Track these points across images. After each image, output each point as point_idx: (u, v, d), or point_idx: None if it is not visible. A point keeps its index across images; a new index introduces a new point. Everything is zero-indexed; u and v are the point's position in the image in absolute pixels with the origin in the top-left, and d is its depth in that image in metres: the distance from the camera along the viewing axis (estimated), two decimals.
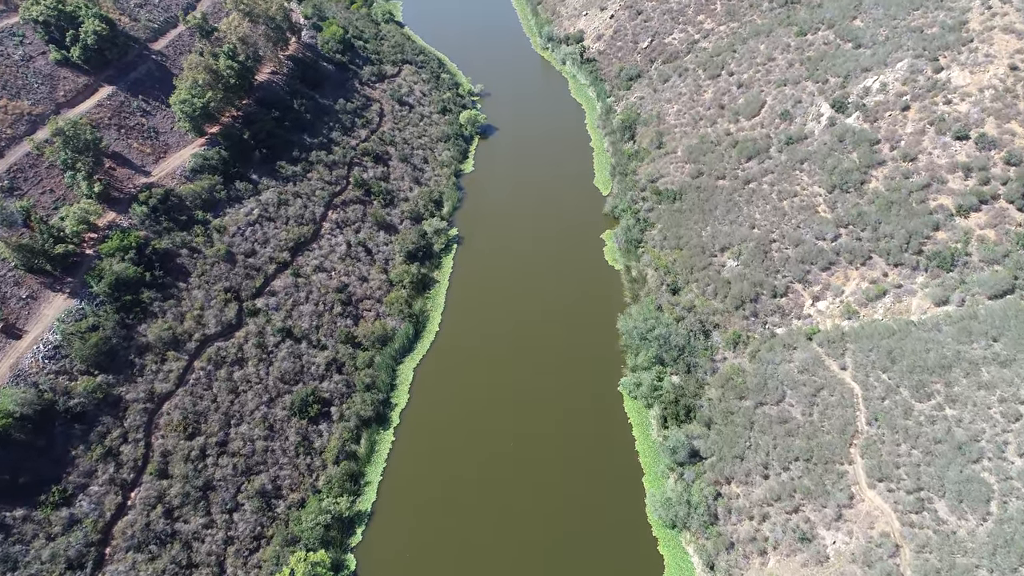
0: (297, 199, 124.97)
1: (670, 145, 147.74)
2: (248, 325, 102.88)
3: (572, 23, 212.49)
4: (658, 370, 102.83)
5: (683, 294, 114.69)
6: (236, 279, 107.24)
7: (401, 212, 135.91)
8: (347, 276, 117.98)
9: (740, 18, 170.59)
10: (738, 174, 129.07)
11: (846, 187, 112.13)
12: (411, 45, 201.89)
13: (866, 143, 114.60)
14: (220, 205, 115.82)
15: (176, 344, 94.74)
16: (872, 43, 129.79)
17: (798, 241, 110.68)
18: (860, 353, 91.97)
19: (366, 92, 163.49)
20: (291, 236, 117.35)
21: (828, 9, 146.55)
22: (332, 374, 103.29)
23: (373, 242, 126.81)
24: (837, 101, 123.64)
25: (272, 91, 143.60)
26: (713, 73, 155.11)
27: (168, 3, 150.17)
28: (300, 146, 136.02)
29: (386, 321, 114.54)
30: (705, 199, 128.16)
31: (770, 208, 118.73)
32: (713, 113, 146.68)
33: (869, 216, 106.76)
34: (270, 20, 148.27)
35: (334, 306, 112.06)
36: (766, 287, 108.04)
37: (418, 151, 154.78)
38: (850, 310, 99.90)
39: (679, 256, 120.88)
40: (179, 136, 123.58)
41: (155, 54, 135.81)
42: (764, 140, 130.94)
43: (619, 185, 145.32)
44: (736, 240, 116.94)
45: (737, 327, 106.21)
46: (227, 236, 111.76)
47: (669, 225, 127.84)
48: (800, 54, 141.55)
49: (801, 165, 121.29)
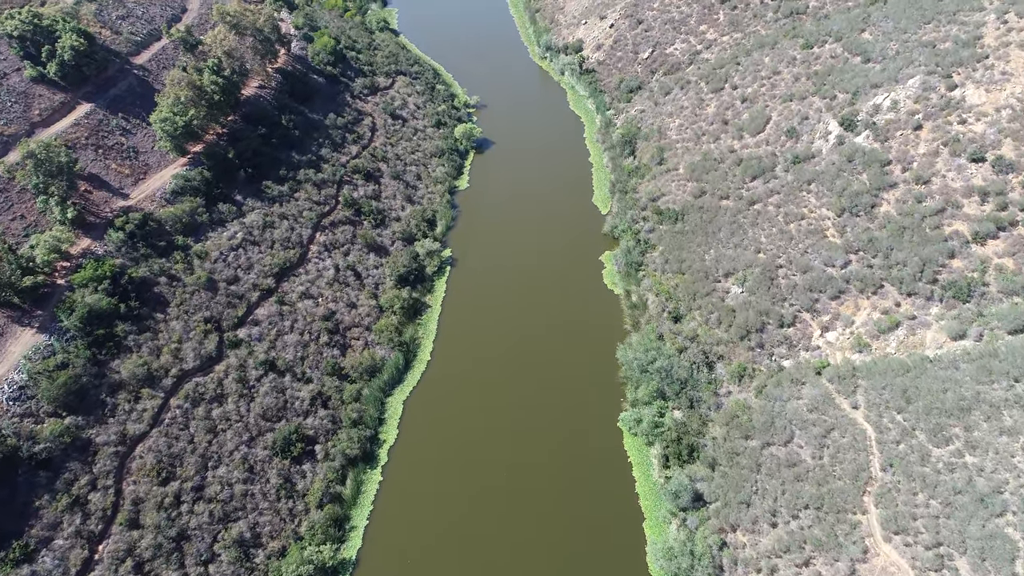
0: (283, 221, 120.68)
1: (672, 161, 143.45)
2: (229, 358, 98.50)
3: (571, 32, 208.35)
4: (659, 405, 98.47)
5: (685, 322, 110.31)
6: (217, 308, 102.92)
7: (392, 233, 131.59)
8: (335, 302, 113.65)
9: (744, 29, 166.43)
10: (742, 194, 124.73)
11: (856, 211, 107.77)
12: (405, 55, 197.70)
13: (876, 164, 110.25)
14: (202, 229, 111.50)
15: (151, 381, 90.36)
16: (882, 58, 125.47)
17: (806, 267, 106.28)
18: (873, 391, 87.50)
19: (358, 106, 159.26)
20: (276, 261, 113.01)
21: (835, 21, 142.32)
22: (317, 409, 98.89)
23: (363, 265, 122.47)
24: (846, 119, 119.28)
25: (259, 106, 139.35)
26: (716, 86, 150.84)
27: (152, 15, 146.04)
28: (288, 164, 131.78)
29: (375, 350, 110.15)
30: (708, 220, 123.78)
31: (776, 231, 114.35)
32: (716, 129, 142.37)
33: (880, 242, 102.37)
34: (258, 32, 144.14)
35: (320, 335, 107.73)
36: (772, 316, 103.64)
37: (411, 167, 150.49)
38: (861, 342, 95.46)
39: (681, 281, 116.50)
40: (160, 156, 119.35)
41: (137, 68, 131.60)
42: (770, 158, 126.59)
43: (619, 203, 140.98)
44: (741, 265, 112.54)
45: (742, 359, 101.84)
46: (208, 262, 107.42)
47: (671, 247, 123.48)
48: (806, 68, 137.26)
49: (808, 186, 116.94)
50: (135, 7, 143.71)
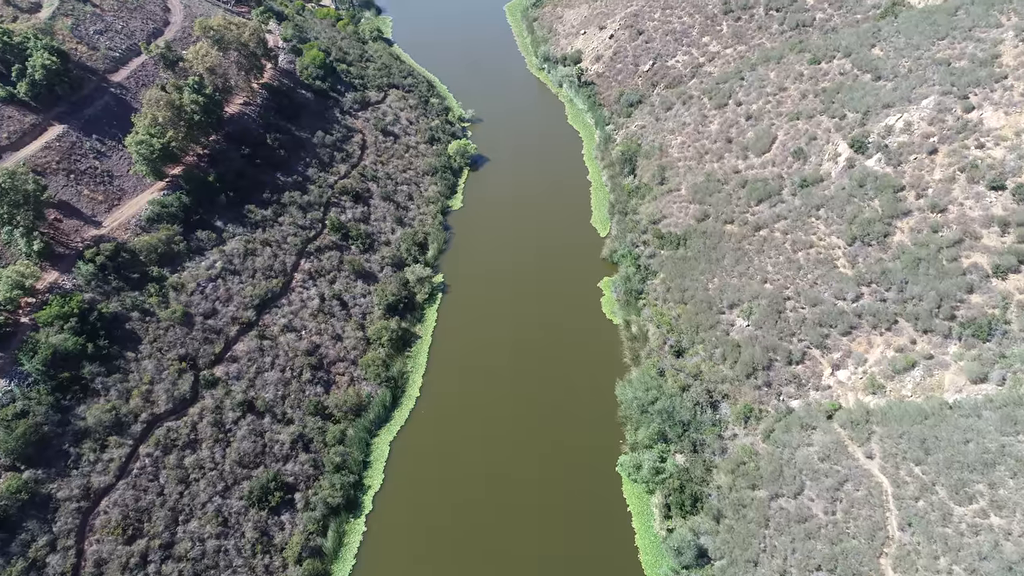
0: (266, 248, 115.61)
1: (673, 181, 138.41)
2: (204, 399, 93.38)
3: (569, 42, 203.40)
4: (660, 448, 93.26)
5: (688, 356, 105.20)
6: (193, 345, 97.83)
7: (381, 258, 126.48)
8: (319, 335, 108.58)
9: (748, 41, 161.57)
10: (748, 219, 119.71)
11: (868, 240, 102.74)
12: (399, 67, 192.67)
13: (889, 190, 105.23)
14: (179, 258, 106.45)
15: (119, 427, 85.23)
16: (893, 75, 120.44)
17: (815, 300, 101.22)
18: (889, 440, 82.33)
19: (347, 122, 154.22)
20: (257, 292, 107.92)
21: (844, 35, 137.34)
22: (298, 453, 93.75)
23: (350, 294, 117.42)
24: (856, 140, 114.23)
25: (243, 124, 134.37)
26: (720, 102, 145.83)
27: (132, 29, 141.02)
28: (272, 186, 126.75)
29: (361, 387, 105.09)
30: (712, 246, 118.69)
31: (783, 260, 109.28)
32: (720, 147, 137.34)
33: (894, 274, 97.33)
34: (243, 47, 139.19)
35: (303, 371, 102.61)
36: (780, 352, 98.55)
37: (402, 187, 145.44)
38: (875, 384, 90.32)
39: (683, 312, 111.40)
40: (136, 180, 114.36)
41: (114, 86, 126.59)
42: (776, 181, 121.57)
43: (618, 226, 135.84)
44: (746, 296, 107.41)
45: (748, 398, 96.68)
46: (185, 294, 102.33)
47: (672, 275, 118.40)
48: (814, 84, 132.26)
49: (817, 212, 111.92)
50: (114, 20, 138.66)
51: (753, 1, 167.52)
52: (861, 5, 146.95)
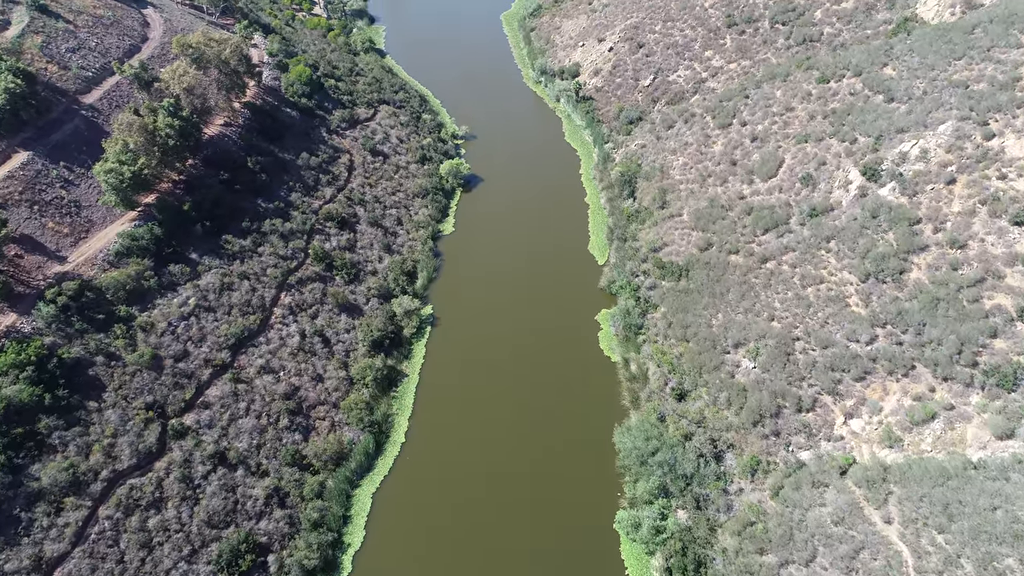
0: (244, 281, 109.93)
1: (675, 205, 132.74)
2: (172, 452, 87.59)
3: (568, 54, 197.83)
4: (661, 504, 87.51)
5: (691, 400, 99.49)
6: (161, 391, 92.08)
7: (367, 289, 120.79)
8: (299, 376, 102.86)
9: (752, 56, 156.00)
10: (754, 249, 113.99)
11: (882, 276, 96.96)
12: (390, 80, 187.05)
13: (904, 222, 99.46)
14: (149, 296, 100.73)
15: (77, 487, 79.52)
16: (907, 97, 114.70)
17: (826, 341, 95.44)
18: (908, 503, 76.51)
19: (334, 142, 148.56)
20: (233, 330, 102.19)
21: (854, 53, 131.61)
22: (273, 509, 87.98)
23: (332, 329, 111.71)
24: (868, 167, 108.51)
25: (223, 147, 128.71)
26: (723, 122, 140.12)
27: (107, 46, 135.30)
28: (252, 213, 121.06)
29: (343, 432, 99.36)
30: (715, 279, 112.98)
31: (792, 296, 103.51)
32: (724, 170, 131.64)
33: (911, 315, 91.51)
34: (223, 65, 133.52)
35: (280, 417, 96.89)
36: (789, 399, 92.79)
37: (391, 210, 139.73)
38: (891, 436, 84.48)
39: (685, 350, 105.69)
40: (105, 210, 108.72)
41: (86, 109, 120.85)
42: (783, 209, 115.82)
43: (617, 253, 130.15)
44: (753, 335, 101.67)
45: (755, 448, 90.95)
46: (154, 335, 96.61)
47: (674, 308, 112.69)
48: (823, 105, 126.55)
49: (827, 244, 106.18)
50: (88, 38, 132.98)
51: (758, 14, 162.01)
52: (871, 20, 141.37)
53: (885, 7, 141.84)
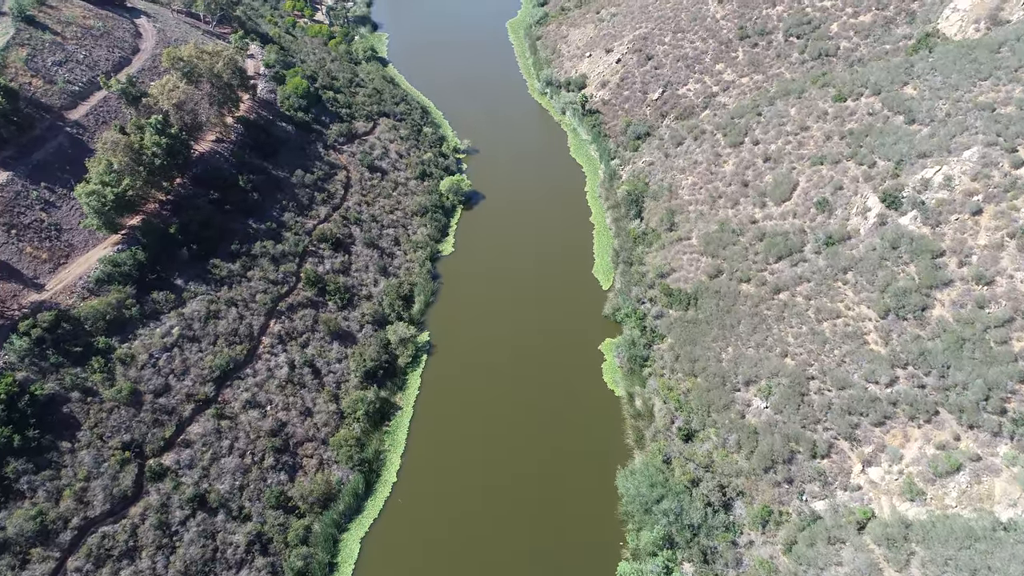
0: (231, 308, 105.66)
1: (683, 227, 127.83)
2: (149, 495, 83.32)
3: (574, 65, 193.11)
4: (666, 556, 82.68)
5: (698, 442, 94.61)
6: (140, 429, 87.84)
7: (361, 315, 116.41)
8: (286, 411, 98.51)
9: (765, 70, 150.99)
10: (766, 278, 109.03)
11: (903, 313, 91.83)
12: (391, 91, 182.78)
13: (927, 255, 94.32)
14: (130, 325, 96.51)
15: (45, 536, 75.29)
16: (929, 119, 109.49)
17: (843, 382, 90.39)
18: (932, 566, 71.47)
19: (331, 157, 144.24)
20: (219, 361, 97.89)
21: (872, 70, 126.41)
22: (254, 557, 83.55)
23: (323, 359, 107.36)
24: (888, 194, 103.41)
25: (214, 164, 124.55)
26: (735, 140, 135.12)
27: (96, 59, 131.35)
28: (242, 235, 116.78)
29: (331, 471, 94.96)
30: (725, 309, 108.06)
31: (806, 331, 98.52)
32: (735, 191, 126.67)
33: (934, 356, 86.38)
34: (216, 79, 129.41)
35: (265, 456, 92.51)
36: (803, 443, 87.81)
37: (388, 230, 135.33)
38: (913, 488, 79.40)
39: (693, 386, 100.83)
40: (87, 234, 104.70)
41: (71, 125, 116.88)
42: (798, 236, 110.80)
43: (622, 278, 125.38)
44: (764, 372, 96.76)
45: (766, 497, 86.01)
46: (134, 368, 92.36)
47: (681, 340, 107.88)
48: (839, 125, 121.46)
49: (844, 275, 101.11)
50: (76, 50, 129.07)
51: (771, 26, 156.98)
52: (890, 35, 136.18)
53: (905, 21, 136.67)
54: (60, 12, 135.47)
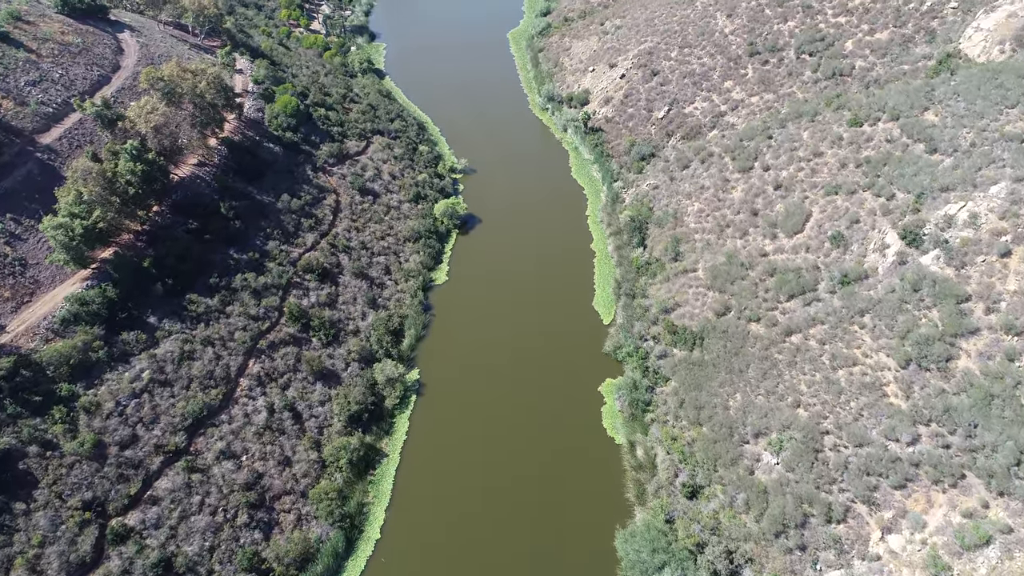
0: (207, 348, 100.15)
1: (689, 258, 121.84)
2: (110, 560, 77.73)
3: (577, 79, 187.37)
4: None
5: (704, 499, 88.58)
6: (103, 485, 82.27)
7: (347, 352, 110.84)
8: (263, 460, 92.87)
9: (776, 89, 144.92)
10: (777, 318, 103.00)
11: (925, 363, 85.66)
12: (386, 107, 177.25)
13: (951, 299, 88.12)
14: (96, 369, 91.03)
15: None
16: (952, 149, 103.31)
17: (861, 439, 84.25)
18: None
19: (320, 181, 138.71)
20: (192, 408, 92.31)
21: (890, 93, 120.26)
22: None
23: (305, 402, 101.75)
24: (908, 230, 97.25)
25: (195, 191, 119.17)
26: (744, 164, 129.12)
27: (73, 78, 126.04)
28: (222, 267, 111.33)
29: (310, 528, 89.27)
30: (733, 351, 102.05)
31: (821, 379, 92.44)
32: (744, 220, 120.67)
33: (960, 413, 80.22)
34: (199, 99, 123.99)
35: (239, 512, 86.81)
36: (817, 506, 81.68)
37: (379, 258, 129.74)
38: (938, 561, 73.24)
39: (699, 436, 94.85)
40: (55, 269, 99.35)
41: (42, 150, 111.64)
42: (811, 272, 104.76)
43: (624, 312, 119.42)
44: (775, 423, 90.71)
45: (777, 565, 79.93)
46: (99, 418, 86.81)
47: (686, 384, 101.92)
48: (855, 151, 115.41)
49: (861, 318, 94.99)
50: (52, 69, 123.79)
51: (783, 43, 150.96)
52: (908, 54, 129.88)
53: (924, 40, 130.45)
54: (37, 28, 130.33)
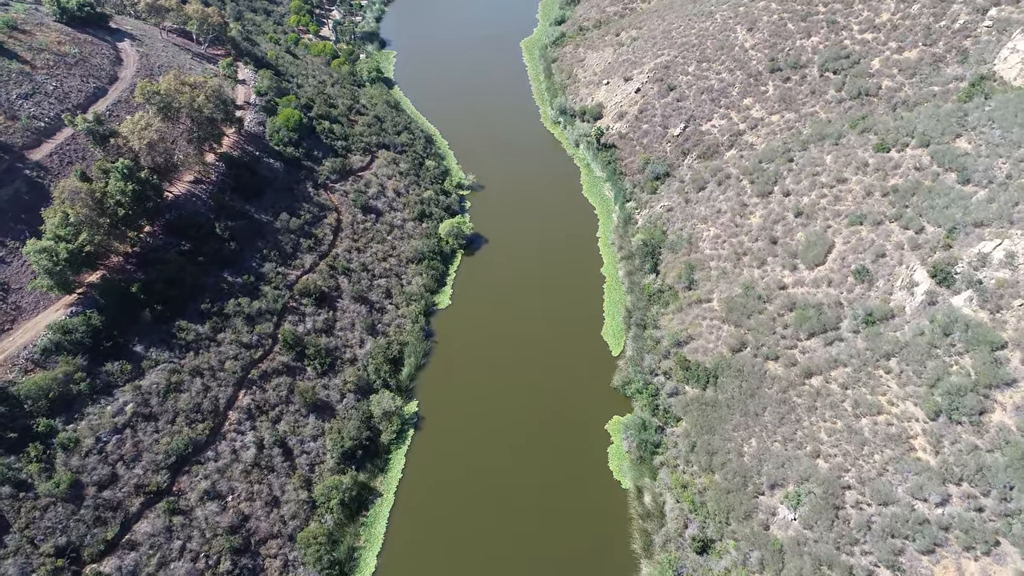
0: (196, 379, 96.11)
1: (703, 287, 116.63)
2: None
3: (590, 92, 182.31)
4: None
5: (715, 556, 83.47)
6: (79, 529, 78.26)
7: (343, 383, 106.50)
8: (250, 501, 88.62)
9: (798, 108, 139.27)
10: (796, 357, 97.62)
11: (956, 415, 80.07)
12: (393, 119, 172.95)
13: (985, 346, 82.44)
14: (77, 403, 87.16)
15: None
16: (987, 180, 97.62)
17: (886, 497, 78.82)
18: None
19: (321, 198, 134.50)
20: (176, 444, 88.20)
21: (920, 117, 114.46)
22: None
23: (297, 436, 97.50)
24: (938, 268, 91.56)
25: (190, 209, 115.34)
26: (763, 189, 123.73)
27: (67, 90, 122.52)
28: (215, 291, 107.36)
29: (296, 575, 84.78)
30: (749, 392, 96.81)
31: (842, 428, 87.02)
32: (762, 249, 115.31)
33: (994, 473, 74.67)
34: (196, 113, 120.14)
35: (222, 558, 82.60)
36: (838, 569, 76.43)
37: (380, 280, 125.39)
38: None
39: (710, 484, 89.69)
40: (39, 294, 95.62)
41: (31, 167, 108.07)
42: (833, 309, 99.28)
43: (634, 343, 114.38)
44: (793, 475, 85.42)
45: None
46: (77, 456, 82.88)
47: (698, 425, 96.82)
48: (882, 179, 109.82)
49: (887, 362, 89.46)
50: (46, 81, 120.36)
51: (805, 59, 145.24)
52: (939, 75, 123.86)
53: (956, 60, 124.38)
54: (33, 38, 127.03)
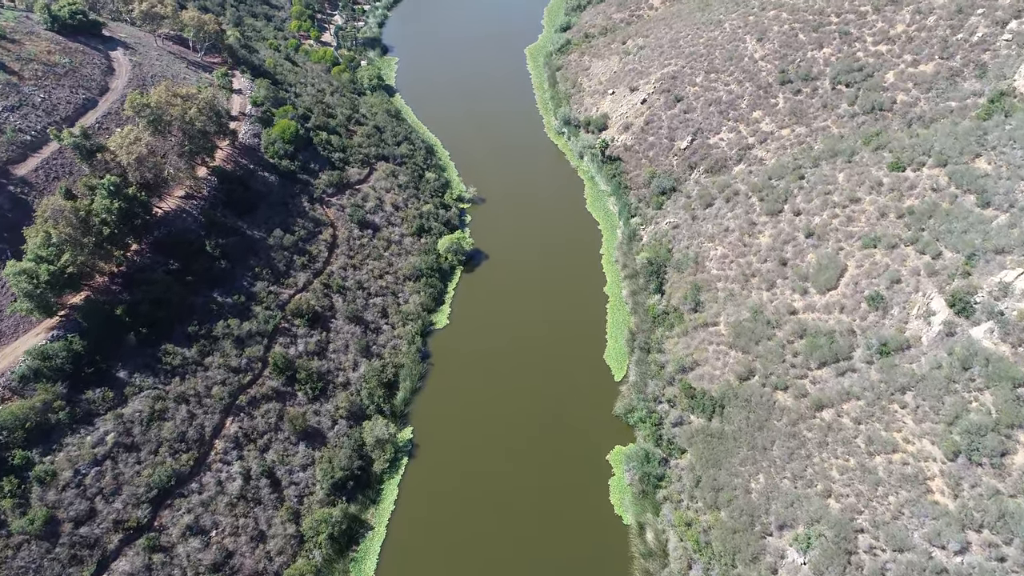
0: (181, 406, 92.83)
1: (710, 310, 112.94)
2: None
3: (595, 102, 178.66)
4: None
5: None
6: (53, 569, 75.06)
7: (335, 408, 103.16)
8: (235, 536, 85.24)
9: (809, 122, 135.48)
10: (807, 388, 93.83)
11: (976, 456, 76.18)
12: (394, 129, 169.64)
13: (1007, 382, 78.53)
14: (56, 432, 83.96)
15: None
16: (1008, 204, 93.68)
17: (901, 542, 74.90)
18: None
19: (316, 213, 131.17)
20: (158, 477, 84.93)
21: (937, 134, 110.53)
22: None
23: (286, 466, 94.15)
24: (957, 296, 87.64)
25: (180, 227, 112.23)
26: (773, 207, 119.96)
27: (56, 102, 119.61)
28: (203, 312, 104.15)
29: None
30: (757, 425, 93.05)
31: (855, 466, 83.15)
32: (771, 270, 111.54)
33: (1017, 520, 70.81)
34: (188, 126, 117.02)
35: None
36: None
37: (376, 299, 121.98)
38: None
39: (716, 523, 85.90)
40: (18, 317, 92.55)
41: (15, 183, 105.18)
42: (845, 337, 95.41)
43: (638, 368, 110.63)
44: (803, 516, 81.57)
45: None
46: (54, 490, 79.69)
47: (704, 458, 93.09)
48: (897, 200, 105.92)
49: (902, 396, 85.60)
50: (34, 92, 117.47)
51: (817, 71, 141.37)
52: (956, 90, 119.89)
53: (974, 75, 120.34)
54: (22, 47, 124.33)
